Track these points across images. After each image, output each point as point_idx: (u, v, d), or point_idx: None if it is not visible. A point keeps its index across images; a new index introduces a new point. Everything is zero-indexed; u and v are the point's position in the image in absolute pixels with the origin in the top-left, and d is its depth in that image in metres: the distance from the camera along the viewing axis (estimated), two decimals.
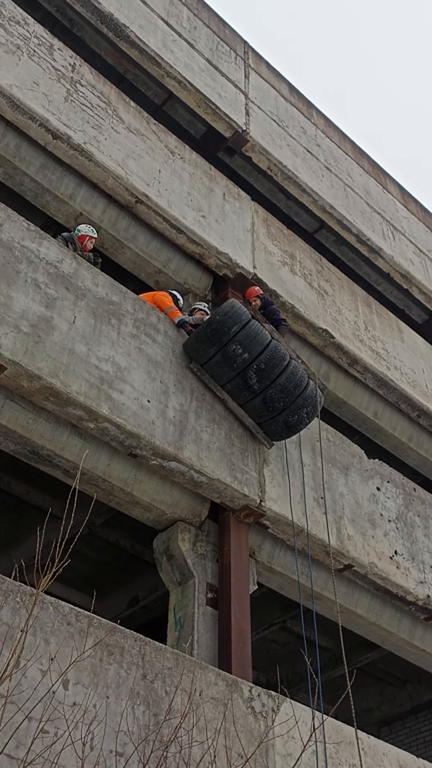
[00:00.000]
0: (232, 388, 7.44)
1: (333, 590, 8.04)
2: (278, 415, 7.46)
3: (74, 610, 5.02)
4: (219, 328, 7.28)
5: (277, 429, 7.57)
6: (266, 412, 7.46)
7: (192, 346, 7.43)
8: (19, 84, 7.67)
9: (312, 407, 7.60)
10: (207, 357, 7.35)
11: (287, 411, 7.46)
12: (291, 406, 7.45)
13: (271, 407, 7.42)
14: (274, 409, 7.43)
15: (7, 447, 6.52)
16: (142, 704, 5.01)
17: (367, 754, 6.27)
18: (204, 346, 7.33)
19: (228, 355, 7.28)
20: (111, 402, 6.43)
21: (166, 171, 8.92)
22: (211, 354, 7.31)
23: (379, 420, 10.48)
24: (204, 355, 7.35)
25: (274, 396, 7.39)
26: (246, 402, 7.48)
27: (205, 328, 7.37)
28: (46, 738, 4.29)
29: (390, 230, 13.12)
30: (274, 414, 7.45)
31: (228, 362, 7.30)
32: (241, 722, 5.51)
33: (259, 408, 7.46)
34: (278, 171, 11.27)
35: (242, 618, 6.67)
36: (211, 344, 7.30)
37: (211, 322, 7.36)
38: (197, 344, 7.38)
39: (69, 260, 6.97)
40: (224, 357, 7.29)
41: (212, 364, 7.35)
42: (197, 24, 11.37)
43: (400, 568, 8.38)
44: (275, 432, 7.60)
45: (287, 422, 7.52)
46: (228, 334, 7.26)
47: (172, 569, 6.97)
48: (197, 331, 7.45)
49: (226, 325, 7.28)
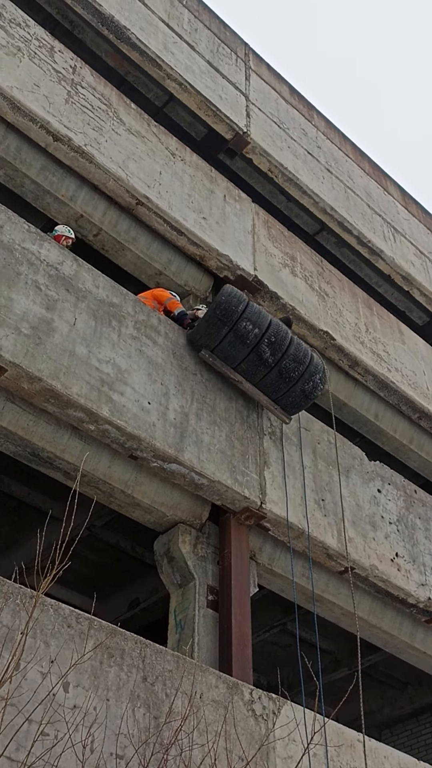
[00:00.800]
0: (246, 367, 7.56)
1: (334, 592, 8.05)
2: (295, 384, 7.63)
3: (74, 613, 5.01)
4: (227, 308, 7.40)
5: (296, 399, 7.73)
6: (283, 383, 7.62)
7: (202, 332, 7.51)
8: (20, 86, 7.67)
9: (322, 374, 7.81)
10: (219, 339, 7.44)
11: (303, 379, 7.65)
12: (305, 373, 7.65)
13: (287, 378, 7.59)
14: (290, 379, 7.59)
15: (7, 449, 6.52)
16: (142, 707, 5.00)
17: (368, 757, 6.25)
18: (215, 329, 7.43)
19: (240, 333, 7.42)
20: (111, 404, 6.43)
21: (167, 173, 8.92)
22: (224, 334, 7.42)
23: (380, 422, 10.47)
24: (216, 337, 7.44)
25: (288, 366, 7.57)
26: (261, 379, 7.61)
27: (213, 311, 7.46)
28: (46, 740, 4.28)
29: (391, 232, 13.12)
30: (290, 384, 7.62)
31: (241, 339, 7.43)
32: (241, 725, 5.50)
33: (275, 382, 7.61)
34: (279, 173, 11.27)
35: (243, 620, 6.66)
36: (223, 324, 7.40)
37: (218, 304, 7.46)
38: (208, 328, 7.46)
39: (70, 262, 6.97)
40: (237, 335, 7.42)
41: (225, 345, 7.46)
42: (198, 26, 11.38)
43: (401, 570, 8.37)
44: (293, 403, 7.77)
45: (304, 390, 7.70)
46: (237, 312, 7.40)
47: (173, 571, 6.96)
48: (206, 316, 7.55)
49: (232, 305, 7.42)
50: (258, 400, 7.73)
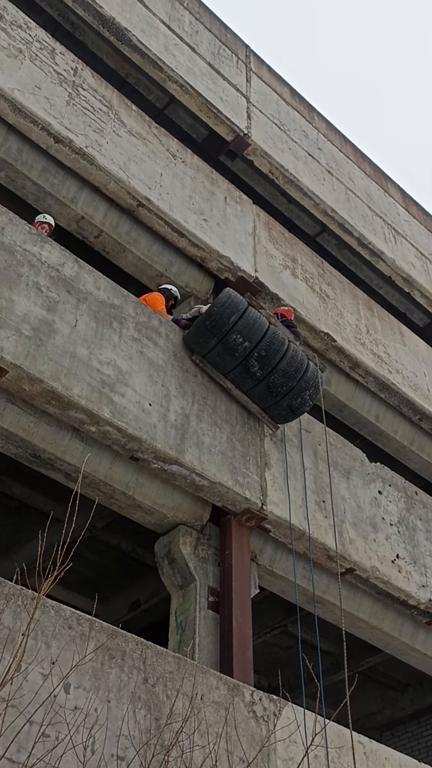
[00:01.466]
0: (234, 376, 7.56)
1: (335, 594, 8.04)
2: (282, 399, 7.60)
3: (75, 614, 5.01)
4: (218, 319, 7.36)
5: (282, 413, 7.72)
6: (270, 397, 7.60)
7: (193, 338, 7.51)
8: (21, 88, 7.68)
9: (314, 389, 7.75)
10: (208, 348, 7.44)
11: (290, 395, 7.61)
12: (294, 389, 7.60)
13: (274, 392, 7.56)
14: (278, 393, 7.56)
15: (8, 450, 6.52)
16: (143, 708, 5.00)
17: (369, 759, 6.25)
18: (204, 339, 7.41)
19: (229, 345, 7.38)
20: (112, 405, 6.43)
21: (168, 175, 8.93)
22: (212, 345, 7.41)
23: (380, 423, 10.47)
24: (205, 346, 7.44)
25: (276, 381, 7.51)
26: (250, 389, 7.60)
27: (204, 320, 7.43)
28: (47, 742, 4.29)
29: (391, 234, 13.12)
30: (277, 399, 7.59)
31: (229, 352, 7.40)
32: (242, 726, 5.50)
33: (262, 394, 7.60)
34: (280, 174, 11.28)
35: (244, 622, 6.66)
36: (212, 336, 7.38)
37: (210, 314, 7.42)
38: (198, 337, 7.46)
39: (71, 264, 6.97)
40: (225, 347, 7.39)
41: (214, 354, 7.45)
42: (199, 28, 11.40)
43: (401, 572, 8.37)
44: (280, 416, 7.76)
45: (291, 406, 7.67)
46: (227, 324, 7.34)
47: (174, 573, 6.96)
48: (197, 323, 7.52)
49: (224, 316, 7.36)
50: (247, 407, 7.70)
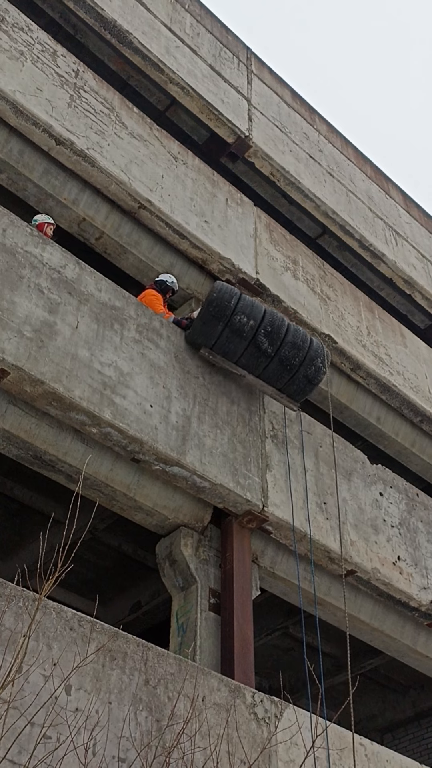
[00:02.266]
0: (247, 360, 7.60)
1: (336, 596, 8.03)
2: (297, 371, 7.67)
3: (77, 616, 5.01)
4: (219, 303, 7.44)
5: (300, 386, 7.76)
6: (285, 372, 7.65)
7: (198, 330, 7.54)
8: (23, 90, 7.69)
9: (323, 357, 7.82)
10: (216, 335, 7.47)
11: (304, 365, 7.68)
12: (305, 359, 7.68)
13: (288, 365, 7.62)
14: (292, 366, 7.63)
15: (9, 452, 6.52)
16: (144, 710, 5.00)
17: (370, 761, 6.25)
18: (211, 326, 7.46)
19: (236, 327, 7.45)
20: (114, 407, 6.43)
21: (169, 176, 8.94)
22: (220, 330, 7.45)
23: (381, 425, 10.47)
24: (212, 335, 7.47)
25: (288, 354, 7.60)
26: (263, 370, 7.65)
27: (206, 308, 7.50)
28: (48, 743, 4.28)
29: (392, 236, 13.13)
30: (293, 371, 7.66)
31: (237, 334, 7.46)
32: (243, 728, 5.49)
33: (277, 371, 7.65)
34: (281, 176, 11.29)
35: (245, 623, 6.66)
36: (218, 321, 7.44)
37: (210, 302, 7.49)
38: (204, 327, 7.49)
39: (72, 265, 6.98)
40: (232, 330, 7.45)
41: (222, 341, 7.49)
42: (200, 30, 11.41)
43: (403, 573, 8.36)
44: (298, 390, 7.79)
45: (307, 376, 7.72)
46: (229, 307, 7.44)
47: (175, 574, 6.96)
48: (200, 316, 7.58)
49: (224, 300, 7.46)
50: (263, 391, 7.78)
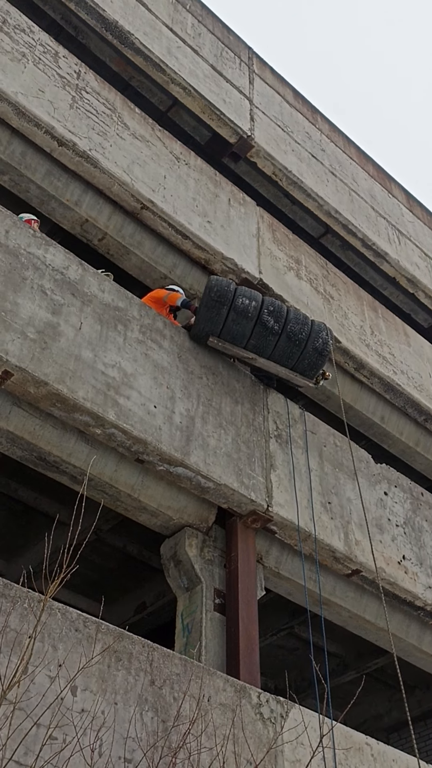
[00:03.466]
0: (256, 341, 7.71)
1: (341, 595, 8.03)
2: (306, 345, 7.77)
3: (82, 617, 5.01)
4: (220, 288, 7.65)
5: (311, 360, 7.86)
6: (295, 347, 7.76)
7: (205, 318, 7.66)
8: (25, 91, 7.70)
9: (326, 330, 7.95)
10: (222, 320, 7.61)
11: (311, 338, 7.80)
12: (312, 332, 7.81)
13: (296, 340, 7.74)
14: (300, 340, 7.75)
15: (14, 453, 6.53)
16: (150, 710, 5.00)
17: (376, 761, 6.23)
18: (215, 312, 7.60)
19: (240, 309, 7.61)
20: (117, 408, 6.43)
21: (172, 177, 8.93)
22: (225, 314, 7.60)
23: (385, 425, 10.45)
24: (218, 320, 7.61)
25: (294, 328, 7.73)
26: (272, 350, 7.74)
27: (209, 295, 7.67)
28: (54, 744, 4.28)
29: (395, 234, 13.11)
30: (302, 346, 7.77)
31: (243, 314, 7.61)
32: (249, 728, 5.49)
33: (287, 348, 7.76)
34: (283, 176, 11.29)
35: (250, 624, 6.65)
36: (221, 305, 7.59)
37: (211, 288, 7.68)
38: (209, 313, 7.62)
39: (75, 266, 6.98)
40: (237, 312, 7.61)
41: (230, 325, 7.63)
42: (202, 30, 11.41)
43: (408, 573, 8.35)
44: (311, 364, 7.88)
45: (316, 348, 7.82)
46: (231, 291, 7.66)
47: (180, 575, 6.96)
48: (203, 303, 7.73)
49: (224, 285, 7.69)
50: (276, 372, 7.85)
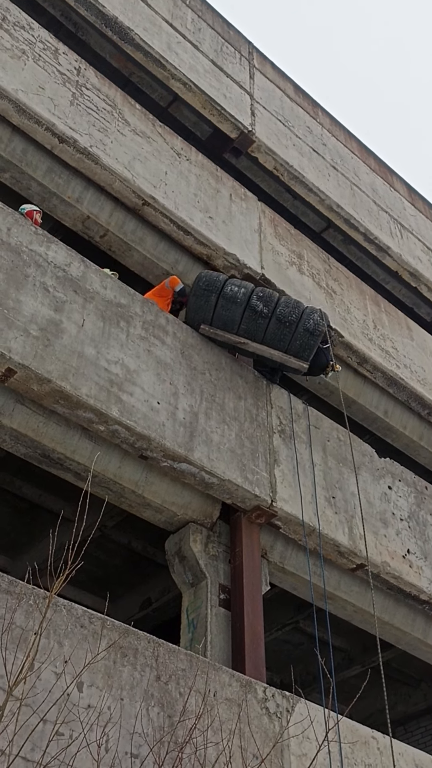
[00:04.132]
0: (246, 326, 7.79)
1: (346, 590, 8.03)
2: (297, 326, 7.79)
3: (87, 613, 5.02)
4: (209, 278, 7.90)
5: (303, 340, 7.83)
6: (286, 329, 7.78)
7: (194, 306, 7.81)
8: (25, 88, 7.69)
9: (319, 312, 7.98)
10: (212, 307, 7.76)
11: (302, 320, 7.84)
12: (302, 315, 7.87)
13: (287, 322, 7.78)
14: (290, 322, 7.78)
15: (18, 451, 6.54)
16: (156, 706, 5.01)
17: (382, 754, 6.25)
18: (204, 299, 7.79)
19: (228, 295, 7.79)
20: (121, 404, 6.44)
21: (173, 173, 8.92)
22: (214, 301, 7.77)
23: (389, 419, 10.44)
24: (208, 307, 7.77)
25: (284, 311, 7.80)
26: (264, 333, 7.79)
27: (197, 284, 7.92)
28: (61, 740, 4.30)
29: (398, 228, 13.09)
30: (293, 327, 7.79)
31: (232, 300, 7.77)
32: (255, 723, 5.50)
33: (277, 330, 7.79)
34: (284, 171, 11.26)
35: (255, 619, 6.67)
36: (210, 292, 7.79)
37: (200, 278, 7.93)
38: (198, 301, 7.81)
39: (77, 263, 6.98)
40: (226, 298, 7.78)
41: (219, 311, 7.76)
42: (201, 26, 11.38)
43: (412, 567, 8.36)
44: (303, 346, 7.83)
45: (307, 329, 7.82)
46: (220, 281, 7.89)
47: (185, 571, 6.97)
48: (192, 292, 7.93)
49: (213, 276, 7.94)
50: (270, 356, 7.83)
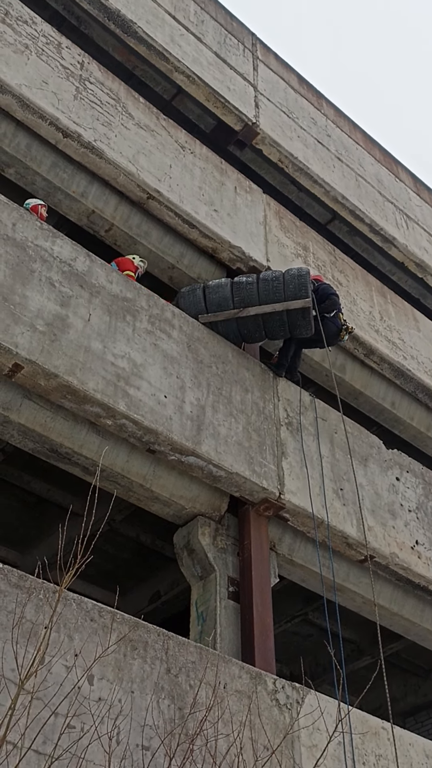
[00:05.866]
0: (239, 296, 8.03)
1: (355, 581, 8.04)
2: (283, 277, 8.05)
3: (97, 606, 5.04)
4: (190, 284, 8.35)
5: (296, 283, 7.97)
6: (275, 282, 8.01)
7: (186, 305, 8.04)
8: (29, 83, 7.68)
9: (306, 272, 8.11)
10: (201, 298, 8.05)
11: (285, 272, 8.12)
12: (285, 271, 8.11)
13: (272, 278, 8.08)
14: (275, 277, 8.09)
15: (26, 446, 6.56)
16: (166, 698, 5.03)
17: (393, 745, 6.26)
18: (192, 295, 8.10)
19: (212, 284, 8.12)
20: (128, 398, 6.45)
21: (177, 166, 8.91)
22: (201, 293, 8.08)
23: (396, 410, 10.43)
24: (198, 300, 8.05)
25: (267, 275, 8.14)
26: (258, 295, 7.98)
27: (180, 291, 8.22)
28: (72, 733, 4.32)
29: (403, 219, 13.04)
30: (280, 279, 8.04)
31: (217, 285, 8.08)
32: (266, 714, 5.52)
33: (267, 287, 8.02)
34: (289, 163, 11.23)
35: (264, 611, 6.68)
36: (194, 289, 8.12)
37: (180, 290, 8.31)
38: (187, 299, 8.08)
39: (82, 258, 6.99)
40: (211, 287, 8.06)
41: (210, 296, 8.02)
42: (204, 18, 11.34)
43: (421, 557, 8.36)
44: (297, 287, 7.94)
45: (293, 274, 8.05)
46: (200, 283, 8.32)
47: (193, 564, 6.99)
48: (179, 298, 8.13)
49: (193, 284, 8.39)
50: (273, 309, 7.90)
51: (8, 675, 4.25)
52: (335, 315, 8.31)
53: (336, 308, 8.32)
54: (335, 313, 8.30)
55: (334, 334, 8.32)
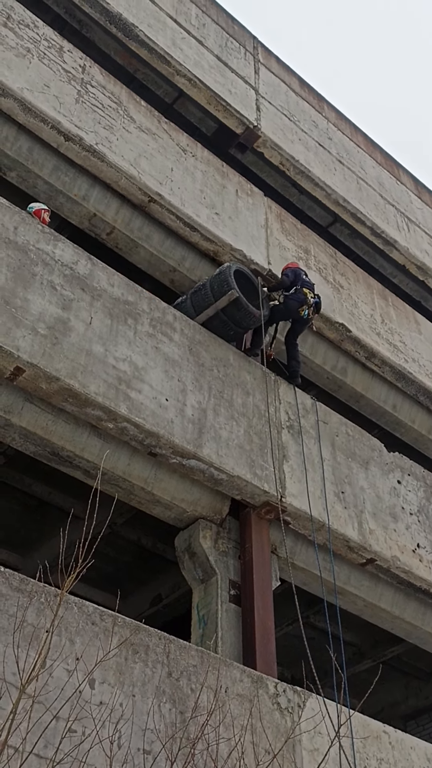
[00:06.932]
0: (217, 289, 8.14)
1: (356, 584, 8.03)
2: (208, 282, 8.22)
3: (98, 610, 5.04)
4: None
5: (218, 280, 8.13)
6: (203, 289, 8.21)
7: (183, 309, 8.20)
8: (30, 87, 7.69)
9: None
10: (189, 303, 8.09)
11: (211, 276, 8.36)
12: None
13: (200, 286, 8.24)
14: (203, 285, 8.22)
15: (27, 449, 6.56)
16: (168, 702, 5.03)
17: (394, 748, 6.25)
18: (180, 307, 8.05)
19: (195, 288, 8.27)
20: (129, 402, 6.45)
21: (179, 169, 8.92)
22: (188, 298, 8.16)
23: (397, 413, 10.43)
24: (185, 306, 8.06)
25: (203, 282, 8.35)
26: (192, 309, 8.16)
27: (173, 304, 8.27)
28: (74, 737, 4.32)
29: (404, 222, 13.05)
30: (207, 285, 8.20)
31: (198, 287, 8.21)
32: (267, 718, 5.51)
33: (199, 294, 8.21)
34: (290, 166, 11.24)
35: (265, 614, 6.67)
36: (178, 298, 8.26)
37: None
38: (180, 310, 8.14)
39: (84, 261, 6.99)
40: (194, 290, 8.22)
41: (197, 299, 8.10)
42: (206, 21, 11.36)
43: (423, 561, 8.35)
44: (220, 284, 8.10)
45: (212, 275, 8.24)
46: None
47: (195, 567, 6.98)
48: None
49: None
50: (207, 315, 8.03)
51: (9, 679, 4.25)
52: (296, 291, 8.50)
53: (283, 286, 8.56)
54: (295, 290, 8.50)
55: (294, 309, 8.52)
